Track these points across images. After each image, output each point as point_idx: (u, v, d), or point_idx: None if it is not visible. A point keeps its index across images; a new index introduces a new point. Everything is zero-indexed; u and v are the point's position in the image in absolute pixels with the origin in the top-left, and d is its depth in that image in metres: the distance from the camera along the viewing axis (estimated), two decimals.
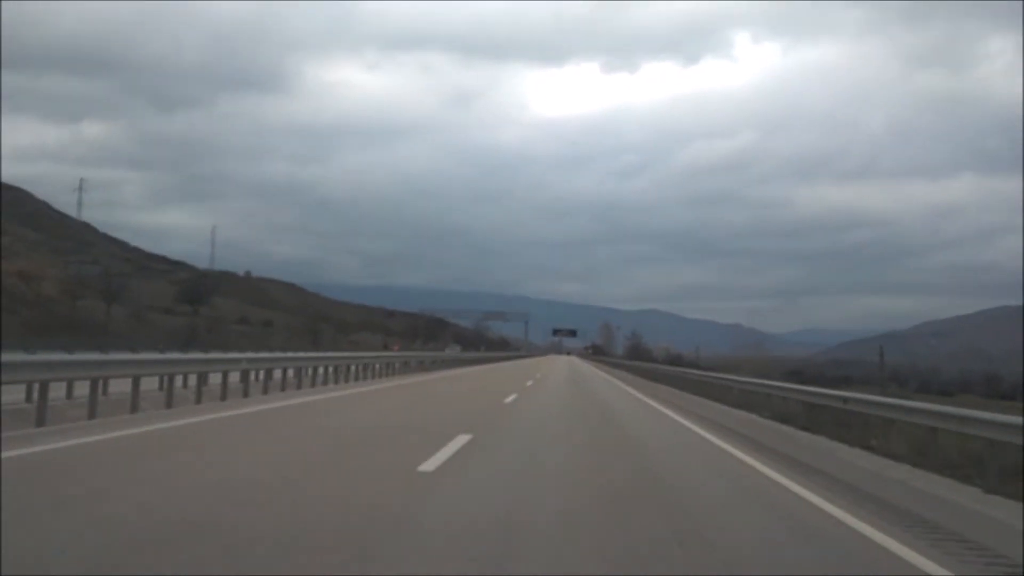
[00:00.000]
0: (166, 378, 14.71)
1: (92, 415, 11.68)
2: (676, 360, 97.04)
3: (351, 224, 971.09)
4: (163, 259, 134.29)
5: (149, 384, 14.49)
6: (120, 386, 14.05)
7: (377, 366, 28.99)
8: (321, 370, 23.58)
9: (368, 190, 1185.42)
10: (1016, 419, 8.44)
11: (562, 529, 5.62)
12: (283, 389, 19.43)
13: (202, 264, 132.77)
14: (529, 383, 28.58)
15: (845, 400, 13.69)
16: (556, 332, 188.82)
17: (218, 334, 47.09)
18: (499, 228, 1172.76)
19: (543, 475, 8.13)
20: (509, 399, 19.68)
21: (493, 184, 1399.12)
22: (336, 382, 23.69)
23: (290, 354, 22.63)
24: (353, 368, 26.28)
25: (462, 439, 10.38)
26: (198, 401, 15.09)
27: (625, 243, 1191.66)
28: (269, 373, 19.69)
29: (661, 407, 19.65)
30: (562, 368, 56.20)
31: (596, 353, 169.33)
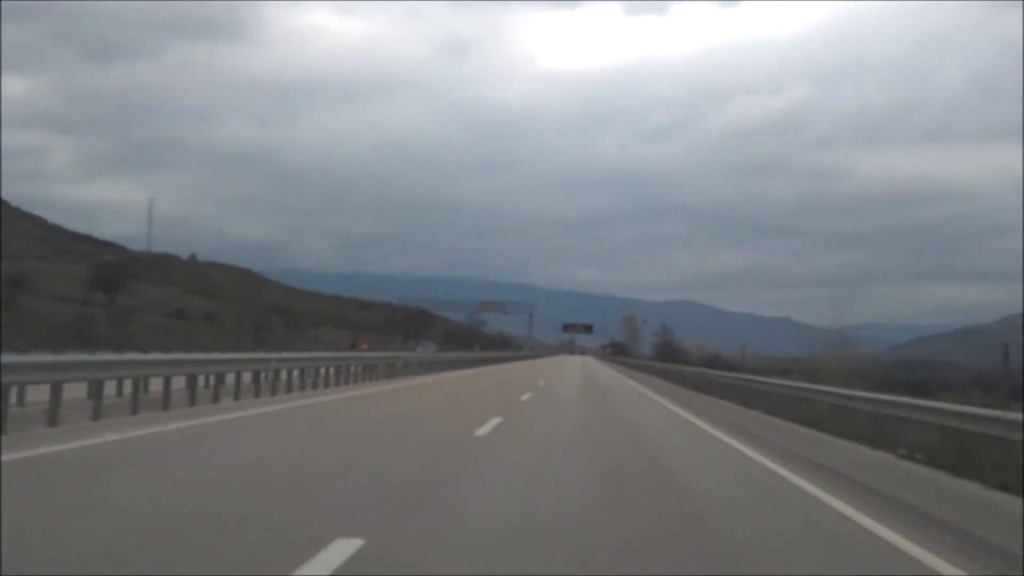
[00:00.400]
0: None
1: None
2: (713, 361, 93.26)
3: (323, 200, 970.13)
4: (89, 239, 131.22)
5: None
6: None
7: (330, 370, 25.66)
8: (244, 376, 19.83)
9: (344, 159, 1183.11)
10: None
11: None
12: (135, 412, 15.17)
13: (140, 246, 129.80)
14: (525, 397, 24.50)
15: None
16: (567, 328, 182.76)
17: (125, 328, 43.57)
18: (500, 204, 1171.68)
19: None
20: (484, 429, 14.78)
21: (493, 152, 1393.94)
22: (255, 395, 19.94)
23: (179, 356, 18.76)
24: (287, 374, 22.70)
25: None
26: None
27: (651, 221, 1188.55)
28: (143, 383, 15.94)
29: (756, 453, 13.19)
30: (574, 373, 52.80)
31: (616, 353, 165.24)
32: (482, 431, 14.52)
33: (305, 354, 27.76)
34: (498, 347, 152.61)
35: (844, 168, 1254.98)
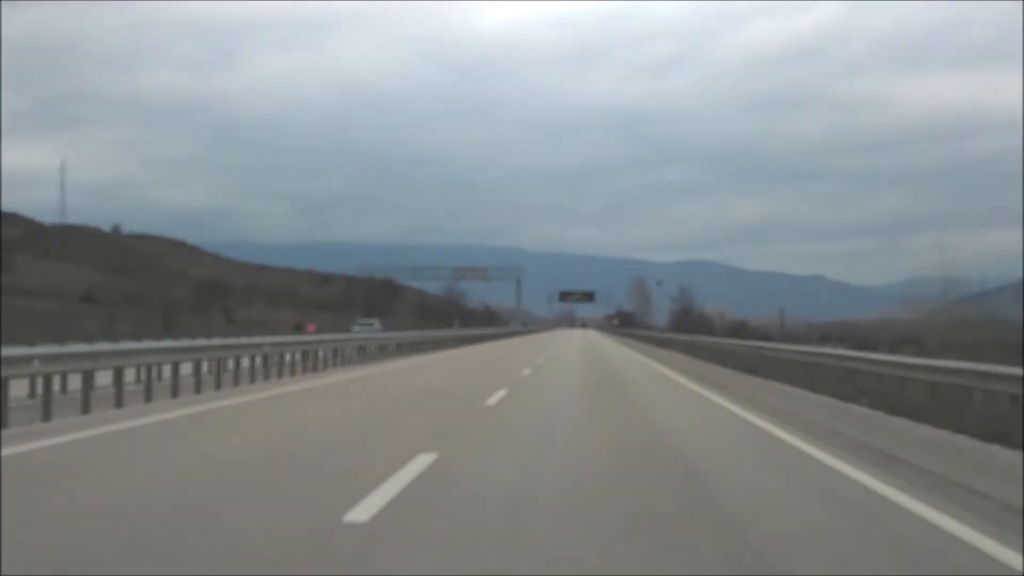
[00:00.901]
0: None
1: None
2: (739, 330, 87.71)
3: (274, 156, 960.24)
4: None
5: None
6: None
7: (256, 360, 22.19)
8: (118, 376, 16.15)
9: (297, 107, 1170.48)
10: None
11: None
12: None
13: (54, 218, 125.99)
14: (494, 399, 18.68)
15: None
16: (564, 296, 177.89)
17: None
18: (481, 156, 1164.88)
19: None
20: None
21: (471, 93, 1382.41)
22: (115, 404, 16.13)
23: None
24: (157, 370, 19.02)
25: None
26: None
27: (658, 168, 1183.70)
28: None
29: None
30: (573, 352, 48.47)
31: (624, 323, 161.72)
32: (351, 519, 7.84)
33: (201, 341, 24.12)
34: (483, 322, 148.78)
35: (880, 98, 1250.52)
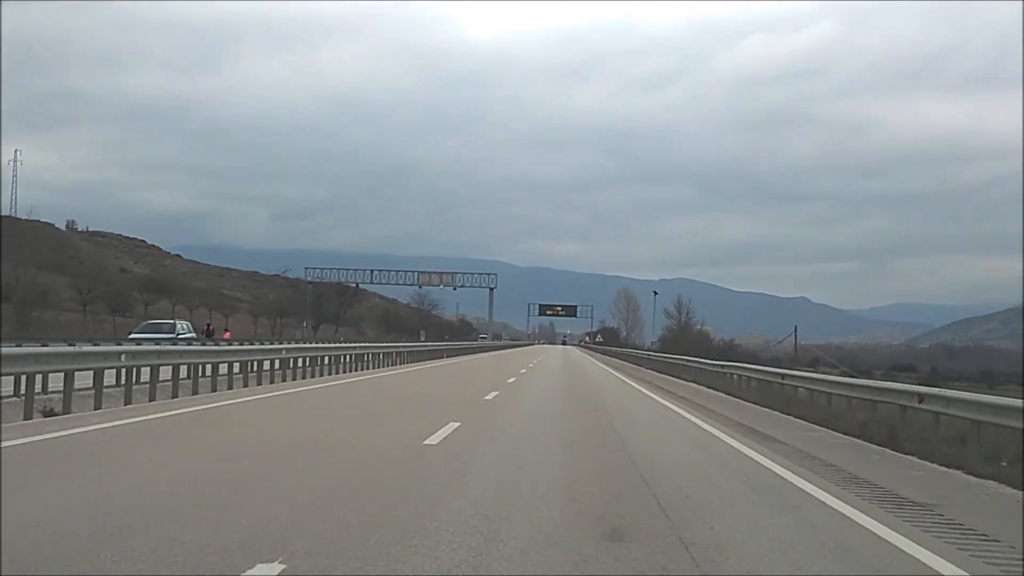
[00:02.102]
0: None
1: None
2: (727, 352, 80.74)
3: (257, 161, 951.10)
4: None
5: None
6: None
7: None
8: None
9: (281, 113, 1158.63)
10: None
11: None
12: None
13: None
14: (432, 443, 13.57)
15: None
16: (546, 310, 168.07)
17: None
18: (466, 167, 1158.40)
19: None
20: None
21: (458, 104, 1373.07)
22: None
23: None
24: None
25: None
26: None
27: (646, 185, 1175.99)
28: None
29: None
30: (553, 382, 35.35)
31: (608, 341, 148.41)
32: None
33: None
34: (459, 335, 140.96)
35: (874, 119, 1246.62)
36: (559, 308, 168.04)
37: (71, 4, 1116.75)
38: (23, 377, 15.73)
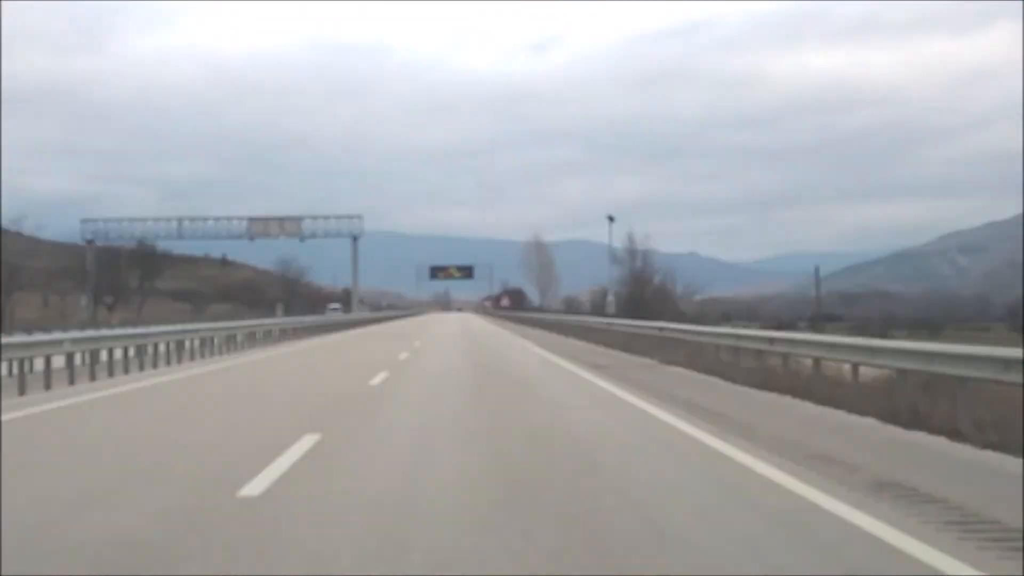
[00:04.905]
0: None
1: None
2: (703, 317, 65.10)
3: (143, 140, 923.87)
4: None
5: None
6: None
7: None
8: None
9: (167, 89, 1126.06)
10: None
11: None
12: None
13: None
14: None
15: None
16: (438, 272, 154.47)
17: None
18: (357, 137, 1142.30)
19: None
20: None
21: (346, 71, 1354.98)
22: None
23: None
24: None
25: None
26: None
27: (538, 147, 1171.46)
28: None
29: None
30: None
31: (516, 305, 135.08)
32: None
33: None
34: (340, 304, 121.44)
35: (757, 72, 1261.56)
36: (453, 269, 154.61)
37: None
38: None
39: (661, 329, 28.37)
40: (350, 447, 10.96)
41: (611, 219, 61.82)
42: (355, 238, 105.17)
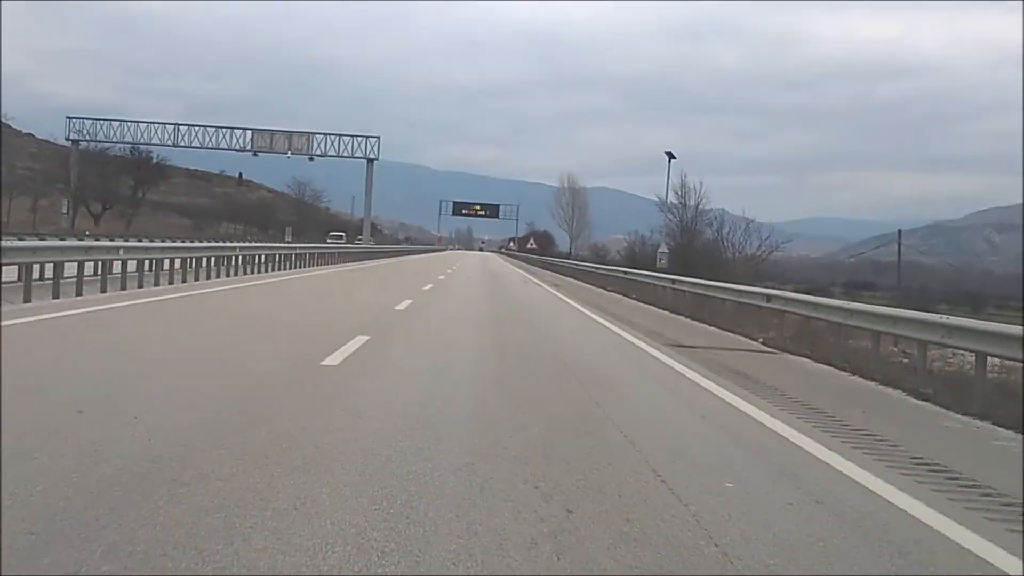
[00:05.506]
0: None
1: None
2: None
3: (172, 56, 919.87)
4: None
5: None
6: None
7: None
8: None
9: (195, 4, 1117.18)
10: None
11: None
12: None
13: None
14: None
15: None
16: (462, 209, 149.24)
17: None
18: (389, 68, 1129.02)
19: None
20: None
21: (385, 3, 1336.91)
22: None
23: None
24: None
25: None
26: None
27: (569, 92, 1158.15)
28: None
29: None
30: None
31: (543, 248, 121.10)
32: None
33: None
34: (353, 232, 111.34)
35: (802, 31, 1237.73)
36: (478, 207, 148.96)
37: None
38: None
39: (768, 298, 20.31)
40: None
41: (671, 156, 53.24)
42: (370, 160, 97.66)
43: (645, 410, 9.95)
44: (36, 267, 18.20)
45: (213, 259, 29.81)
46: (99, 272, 20.93)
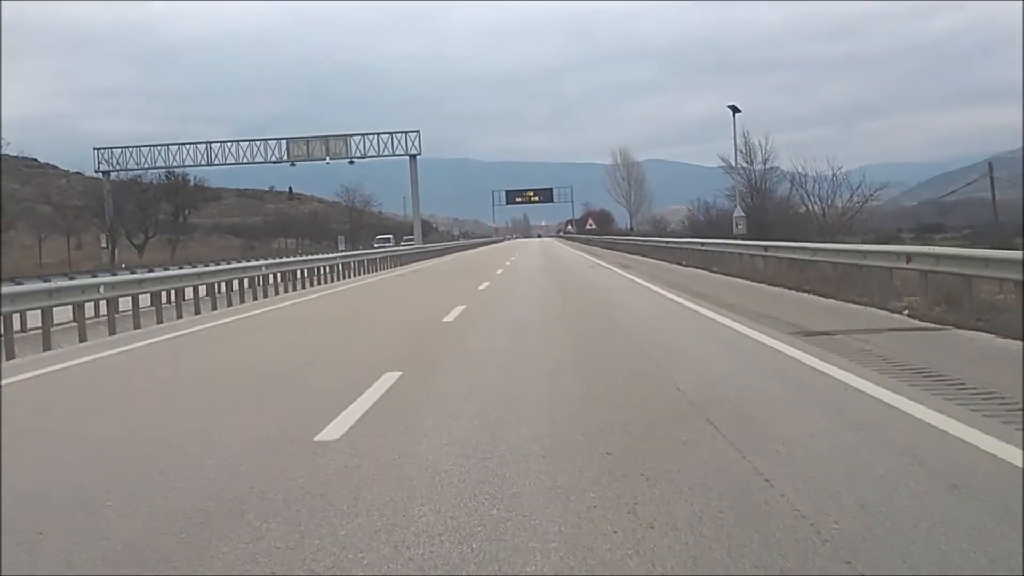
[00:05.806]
0: None
1: None
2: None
3: (211, 79, 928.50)
4: None
5: None
6: None
7: None
8: None
9: (231, 27, 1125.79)
10: None
11: None
12: None
13: None
14: None
15: None
16: (515, 198, 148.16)
17: None
18: (430, 66, 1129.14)
19: None
20: None
21: (420, 3, 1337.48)
22: None
23: None
24: None
25: None
26: None
27: (609, 67, 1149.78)
28: None
29: None
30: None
31: (603, 228, 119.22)
32: None
33: None
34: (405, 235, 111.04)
35: None
36: (531, 193, 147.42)
37: None
38: None
39: (909, 258, 16.64)
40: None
41: (735, 109, 48.48)
42: (412, 157, 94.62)
43: (822, 473, 5.89)
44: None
45: (235, 282, 27.55)
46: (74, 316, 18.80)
